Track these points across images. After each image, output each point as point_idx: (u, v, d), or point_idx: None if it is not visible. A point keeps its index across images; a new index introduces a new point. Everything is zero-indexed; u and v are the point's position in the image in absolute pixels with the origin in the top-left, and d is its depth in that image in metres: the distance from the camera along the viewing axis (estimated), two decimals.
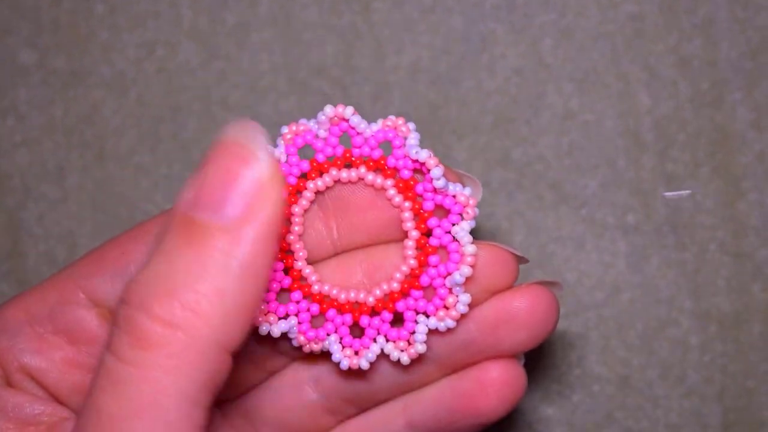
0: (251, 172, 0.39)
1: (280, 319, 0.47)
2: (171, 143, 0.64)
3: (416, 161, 0.46)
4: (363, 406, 0.51)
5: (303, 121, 0.47)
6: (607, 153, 0.63)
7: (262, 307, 0.47)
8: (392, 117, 0.47)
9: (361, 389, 0.50)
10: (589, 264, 0.63)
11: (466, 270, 0.46)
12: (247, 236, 0.38)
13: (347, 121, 0.47)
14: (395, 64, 0.64)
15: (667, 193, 0.62)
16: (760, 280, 0.63)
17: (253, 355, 0.49)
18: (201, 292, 0.38)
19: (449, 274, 0.46)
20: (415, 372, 0.49)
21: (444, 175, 0.46)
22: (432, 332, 0.47)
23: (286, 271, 0.48)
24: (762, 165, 0.63)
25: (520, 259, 0.48)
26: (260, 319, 0.47)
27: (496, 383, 0.49)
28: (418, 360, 0.48)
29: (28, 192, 0.65)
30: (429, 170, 0.46)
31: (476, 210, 0.46)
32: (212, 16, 0.64)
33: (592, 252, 0.63)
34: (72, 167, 0.65)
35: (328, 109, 0.47)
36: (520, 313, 0.47)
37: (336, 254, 0.48)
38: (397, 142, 0.46)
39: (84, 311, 0.49)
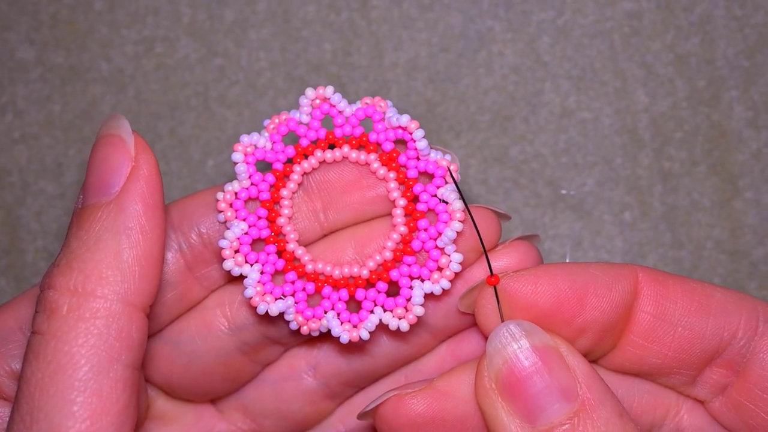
0: (123, 153, 0.44)
1: (276, 299, 0.48)
2: (169, 139, 0.64)
3: (396, 133, 0.47)
4: (363, 385, 0.51)
5: (284, 113, 0.49)
6: (604, 151, 0.63)
7: (258, 288, 0.47)
8: (369, 97, 0.48)
9: (361, 368, 0.50)
10: (586, 261, 0.64)
11: (457, 225, 0.46)
12: (130, 201, 0.43)
13: (328, 101, 0.48)
14: (393, 61, 0.64)
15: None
16: (756, 278, 0.63)
17: (246, 346, 0.50)
18: (97, 258, 0.42)
19: (440, 235, 0.47)
20: (413, 343, 0.50)
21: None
22: (428, 297, 0.47)
23: (279, 254, 0.48)
24: (758, 163, 0.63)
25: (502, 216, 0.49)
26: (257, 299, 0.47)
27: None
28: (415, 329, 0.48)
29: (27, 188, 0.65)
30: (411, 133, 0.47)
31: (458, 174, 0.47)
32: (211, 13, 0.64)
33: (589, 249, 0.64)
34: (70, 163, 0.65)
35: (310, 92, 0.48)
36: (509, 269, 0.48)
37: (324, 236, 0.49)
38: (377, 117, 0.47)
39: None
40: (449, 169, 0.47)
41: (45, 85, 0.65)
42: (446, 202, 0.47)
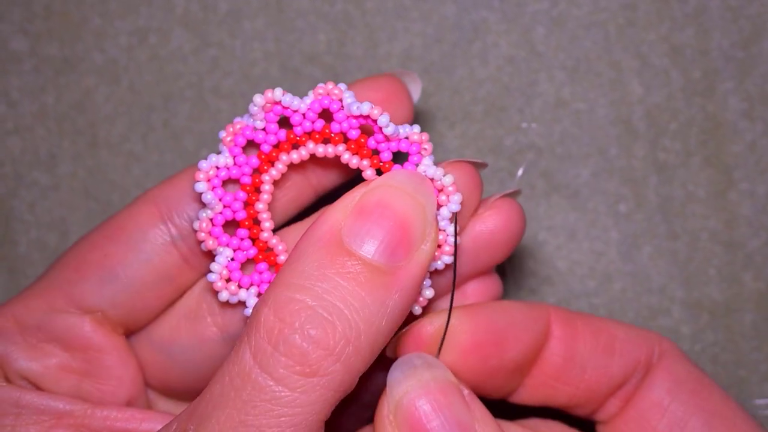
0: (425, 236, 0.42)
1: (247, 288, 0.47)
2: (163, 131, 0.64)
3: (359, 117, 0.46)
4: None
5: (237, 119, 0.47)
6: (598, 142, 0.63)
7: (224, 273, 0.47)
8: (321, 84, 0.47)
9: None
10: (581, 253, 0.63)
11: (457, 197, 0.45)
12: (408, 284, 0.41)
13: (279, 104, 0.46)
14: (388, 51, 0.64)
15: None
16: (751, 269, 0.63)
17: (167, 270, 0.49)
18: (358, 324, 0.39)
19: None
20: (407, 320, 0.50)
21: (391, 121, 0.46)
22: (432, 274, 0.47)
23: (253, 241, 0.47)
24: (754, 155, 0.63)
25: (479, 165, 0.48)
26: (220, 285, 0.46)
27: (475, 295, 0.51)
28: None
29: (20, 179, 0.65)
30: (375, 121, 0.46)
31: (431, 144, 0.46)
32: (205, 3, 0.64)
33: (583, 241, 0.63)
34: (64, 155, 0.65)
35: (258, 98, 0.46)
36: (499, 231, 0.48)
37: (317, 197, 0.49)
38: (334, 107, 0.46)
39: (75, 318, 0.48)
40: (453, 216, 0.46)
41: (38, 76, 0.65)
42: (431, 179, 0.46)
